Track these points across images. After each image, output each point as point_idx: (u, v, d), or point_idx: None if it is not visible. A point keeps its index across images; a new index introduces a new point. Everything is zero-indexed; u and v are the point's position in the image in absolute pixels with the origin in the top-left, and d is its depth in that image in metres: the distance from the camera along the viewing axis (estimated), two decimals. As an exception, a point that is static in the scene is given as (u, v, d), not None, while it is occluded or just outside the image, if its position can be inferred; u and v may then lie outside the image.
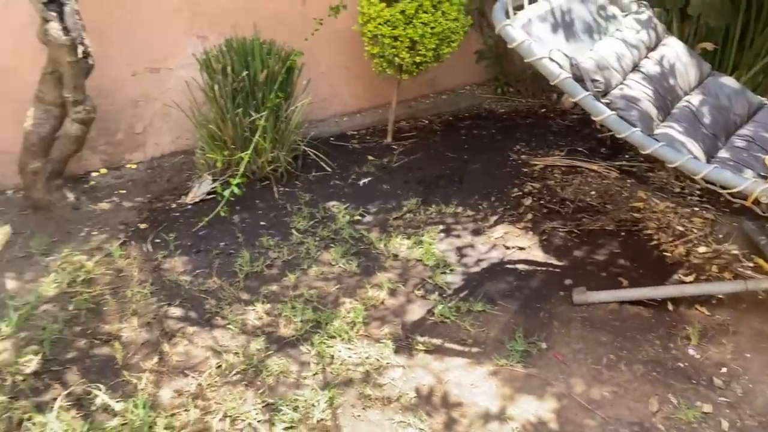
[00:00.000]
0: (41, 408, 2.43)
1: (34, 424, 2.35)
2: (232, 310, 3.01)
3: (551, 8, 3.05)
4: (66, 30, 3.21)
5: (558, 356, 2.73)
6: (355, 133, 5.00)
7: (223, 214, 3.76)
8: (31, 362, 2.67)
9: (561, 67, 2.74)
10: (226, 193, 3.77)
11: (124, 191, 4.21)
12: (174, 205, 4.04)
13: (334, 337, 2.84)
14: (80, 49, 3.31)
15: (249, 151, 3.91)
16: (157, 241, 3.63)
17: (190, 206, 4.02)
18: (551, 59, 2.74)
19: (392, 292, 3.15)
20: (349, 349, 2.78)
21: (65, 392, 2.49)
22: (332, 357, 2.73)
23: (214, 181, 4.16)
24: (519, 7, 3.00)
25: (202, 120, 4.20)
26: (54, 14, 3.19)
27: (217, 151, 4.12)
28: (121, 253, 3.45)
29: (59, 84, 3.56)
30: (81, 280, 3.21)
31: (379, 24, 4.21)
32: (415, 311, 3.03)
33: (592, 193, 4.04)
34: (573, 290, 3.07)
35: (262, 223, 3.80)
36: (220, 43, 4.20)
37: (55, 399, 2.47)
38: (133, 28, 4.18)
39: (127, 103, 4.36)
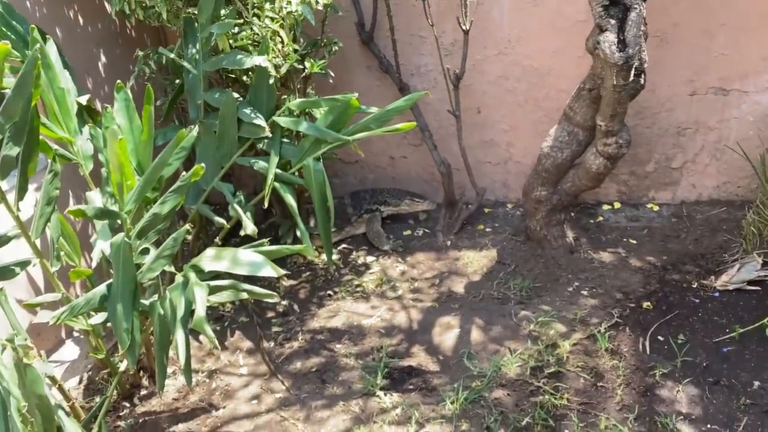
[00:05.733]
0: None
1: None
2: None
3: None
4: (622, 45, 2.35)
5: None
6: None
7: (769, 332, 2.49)
8: (460, 478, 2.09)
9: None
10: (786, 304, 2.45)
11: (635, 241, 3.27)
12: (695, 285, 2.92)
13: None
14: (633, 71, 2.41)
15: None
16: (660, 338, 2.62)
17: (718, 293, 2.84)
18: None
19: None
20: None
21: None
22: None
23: (764, 265, 2.85)
24: None
25: (775, 175, 2.89)
26: (612, 23, 2.36)
27: (784, 225, 2.78)
28: (608, 345, 2.57)
29: (595, 104, 2.78)
30: (549, 371, 2.47)
31: None
32: None
33: None
34: None
35: (835, 367, 2.37)
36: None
37: None
38: (709, 32, 3.06)
39: (671, 129, 3.34)
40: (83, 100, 2.53)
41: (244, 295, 2.22)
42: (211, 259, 1.95)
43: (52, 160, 2.18)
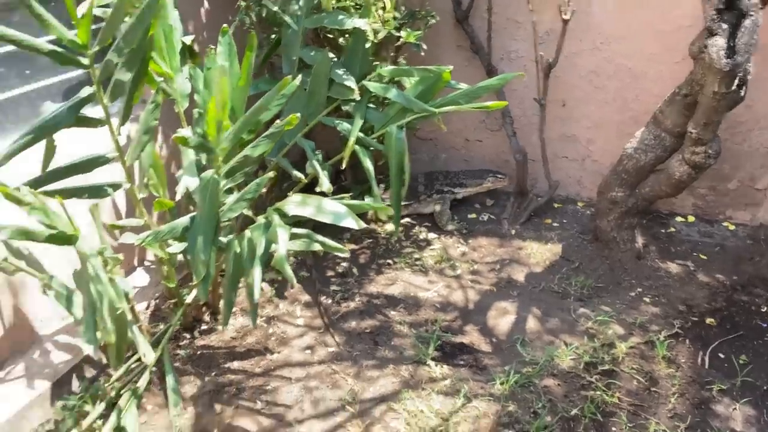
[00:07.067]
0: None
1: None
2: None
3: None
4: (731, 51, 2.28)
5: None
6: None
7: (839, 367, 2.41)
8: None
9: None
10: None
11: (706, 257, 3.20)
12: (764, 309, 2.84)
13: None
14: (736, 80, 2.35)
15: None
16: (720, 355, 2.57)
17: (787, 321, 2.76)
18: None
19: None
20: None
21: None
22: None
23: (842, 300, 2.76)
24: None
25: None
26: (724, 28, 2.30)
27: None
28: (666, 353, 2.54)
29: (688, 111, 2.72)
30: (603, 369, 2.46)
31: None
32: None
33: None
34: None
35: None
36: None
37: None
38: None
39: (762, 148, 3.23)
40: (188, 40, 2.62)
41: (317, 246, 2.28)
42: (296, 204, 2.01)
43: (155, 91, 2.28)
